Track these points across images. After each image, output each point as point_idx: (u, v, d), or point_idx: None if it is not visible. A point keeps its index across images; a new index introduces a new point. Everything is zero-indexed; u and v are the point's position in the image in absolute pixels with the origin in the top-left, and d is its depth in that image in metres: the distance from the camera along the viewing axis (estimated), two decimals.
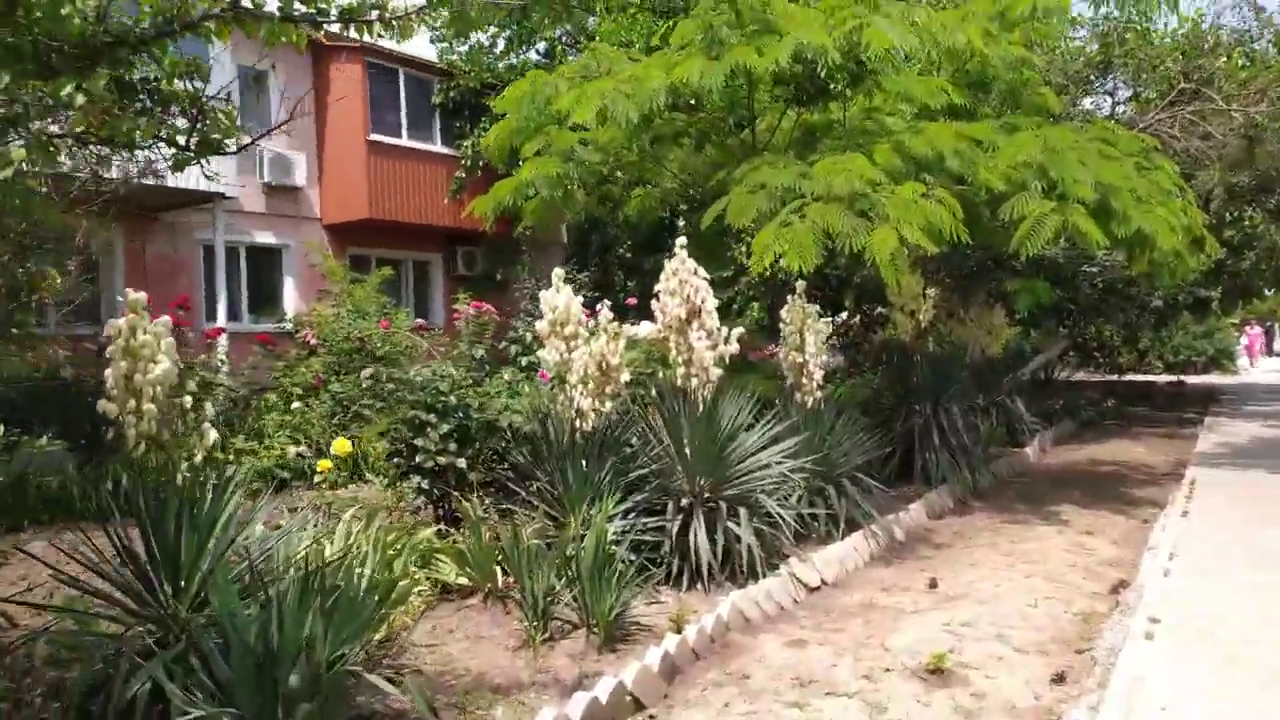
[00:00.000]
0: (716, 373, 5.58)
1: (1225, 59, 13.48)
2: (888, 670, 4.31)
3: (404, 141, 15.38)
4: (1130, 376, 22.66)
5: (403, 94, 15.47)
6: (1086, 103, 15.17)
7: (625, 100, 6.87)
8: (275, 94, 14.79)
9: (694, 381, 5.57)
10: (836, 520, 6.49)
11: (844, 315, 14.32)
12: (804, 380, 6.64)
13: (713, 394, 5.65)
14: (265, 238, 14.71)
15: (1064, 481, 9.63)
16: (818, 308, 6.68)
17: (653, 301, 5.73)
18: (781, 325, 6.74)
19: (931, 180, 6.95)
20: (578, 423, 5.30)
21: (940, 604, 5.36)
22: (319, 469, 4.93)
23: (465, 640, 4.52)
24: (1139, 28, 14.54)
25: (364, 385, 5.16)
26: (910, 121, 7.73)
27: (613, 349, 5.26)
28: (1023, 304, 10.44)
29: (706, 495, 5.57)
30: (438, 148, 15.80)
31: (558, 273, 5.53)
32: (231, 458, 6.10)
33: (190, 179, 12.10)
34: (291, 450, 5.94)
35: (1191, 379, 24.14)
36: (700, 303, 5.53)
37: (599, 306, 5.40)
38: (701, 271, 5.61)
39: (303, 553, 4.18)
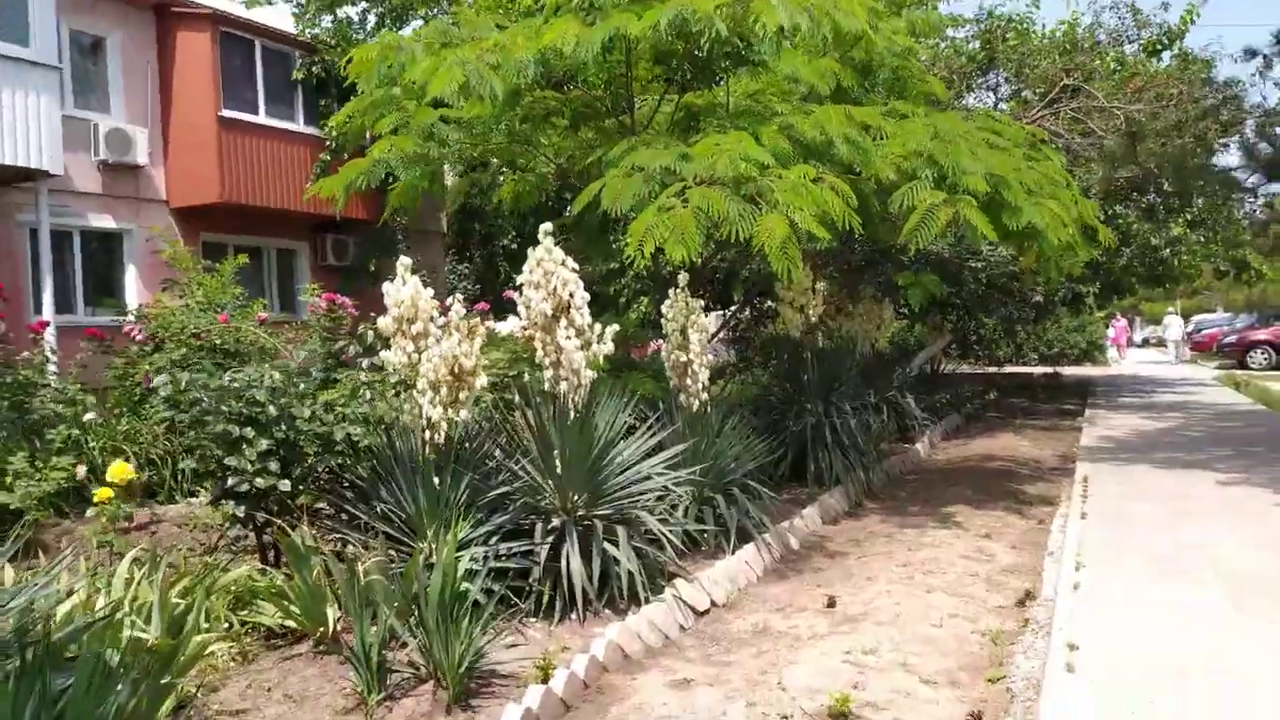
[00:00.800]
0: (589, 375, 4.93)
1: (1098, 60, 13.64)
2: (785, 717, 3.75)
3: (261, 119, 14.12)
4: (1008, 369, 23.18)
5: (259, 67, 14.21)
6: (970, 100, 15.18)
7: (490, 72, 6.13)
8: (114, 63, 13.39)
9: (564, 385, 4.90)
10: (727, 532, 5.94)
11: (734, 309, 13.91)
12: (689, 381, 6.06)
13: (586, 399, 4.99)
14: (102, 221, 13.25)
15: (955, 478, 9.38)
16: (702, 302, 6.11)
17: (516, 295, 5.03)
18: (663, 322, 6.14)
19: (821, 167, 6.48)
20: (428, 434, 4.56)
21: (839, 627, 4.86)
22: (96, 498, 4.05)
23: (285, 702, 3.73)
24: (1019, 27, 14.64)
25: (162, 394, 4.27)
26: (797, 104, 7.23)
27: (466, 350, 4.53)
28: (915, 298, 10.18)
29: (580, 513, 4.91)
30: (300, 127, 14.62)
31: (403, 262, 4.76)
32: (9, 480, 5.08)
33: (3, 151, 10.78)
34: (81, 470, 5.00)
35: (1066, 371, 24.87)
36: (569, 297, 4.86)
37: (450, 300, 4.66)
38: (570, 262, 4.93)
39: (66, 610, 3.33)
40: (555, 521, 4.84)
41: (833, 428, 8.22)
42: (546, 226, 4.96)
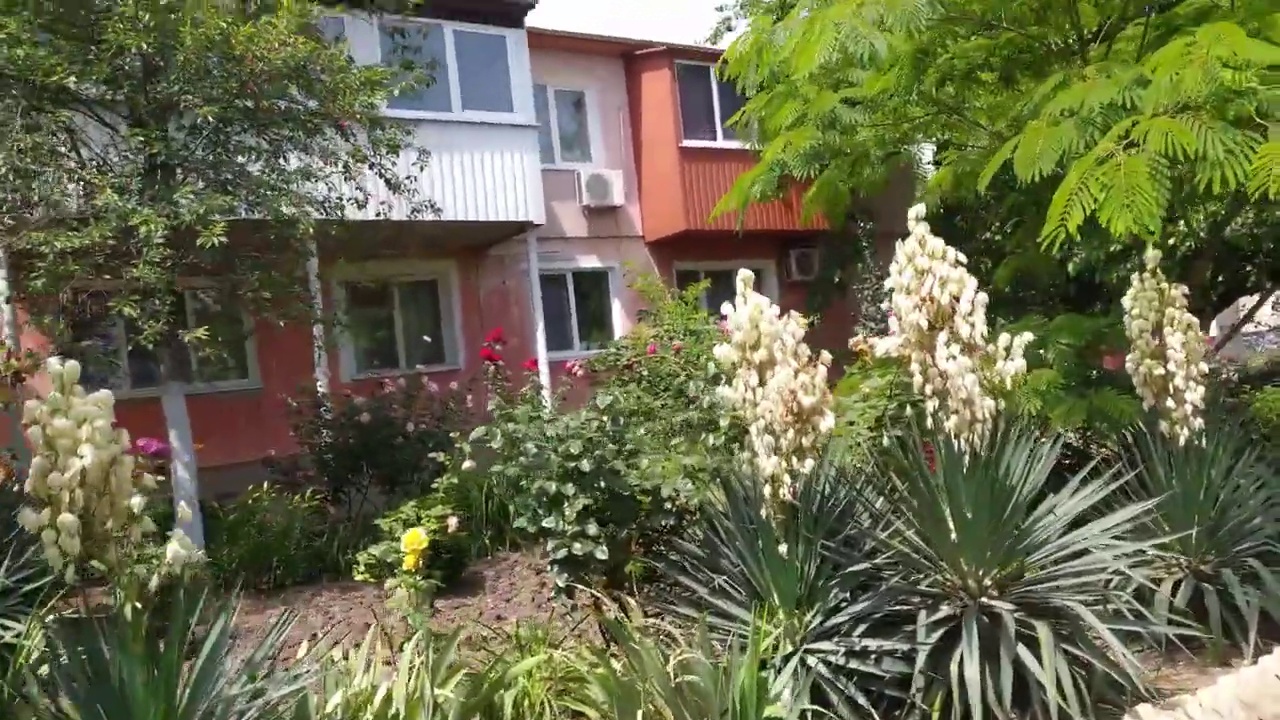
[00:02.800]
0: (988, 405, 3.56)
1: None
2: None
3: (718, 143, 14.29)
4: None
5: (714, 93, 14.40)
6: None
7: (870, 29, 4.97)
8: (592, 113, 14.55)
9: (952, 420, 3.60)
10: (1244, 624, 4.02)
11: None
12: (1169, 403, 4.24)
13: (988, 438, 3.62)
14: (590, 262, 14.47)
15: None
16: (1183, 290, 4.23)
17: (884, 304, 3.86)
18: (1127, 321, 4.40)
19: None
20: (767, 490, 3.61)
21: None
22: (403, 566, 3.83)
23: None
24: None
25: (494, 445, 3.94)
26: None
27: (805, 383, 3.49)
28: None
29: (984, 599, 3.56)
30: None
31: (743, 274, 3.87)
32: (389, 529, 5.24)
33: (494, 210, 12.12)
34: (453, 521, 4.93)
35: None
36: (951, 302, 3.55)
37: (786, 317, 3.66)
38: (955, 254, 3.62)
39: (338, 700, 3.04)
40: (946, 609, 3.56)
41: None
42: (917, 210, 3.72)
